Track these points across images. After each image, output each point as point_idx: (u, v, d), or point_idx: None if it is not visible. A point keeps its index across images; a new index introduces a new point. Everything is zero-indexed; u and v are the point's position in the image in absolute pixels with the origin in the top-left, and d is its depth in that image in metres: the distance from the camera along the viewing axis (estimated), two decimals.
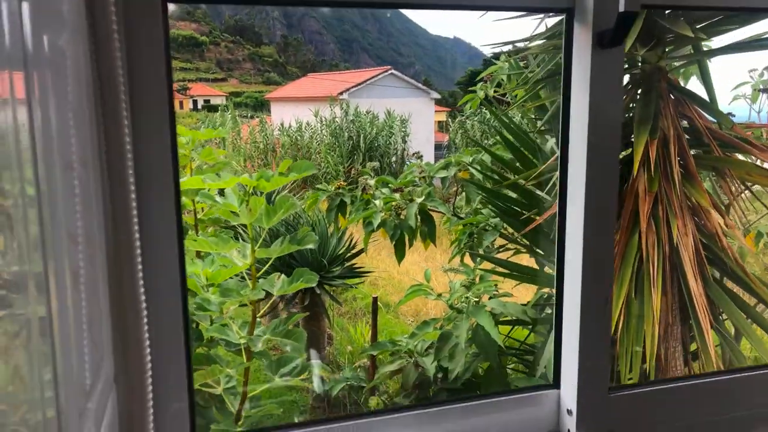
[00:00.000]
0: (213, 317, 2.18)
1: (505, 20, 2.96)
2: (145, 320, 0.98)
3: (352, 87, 24.43)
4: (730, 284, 2.71)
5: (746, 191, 2.96)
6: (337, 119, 17.12)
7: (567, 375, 1.34)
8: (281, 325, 2.05)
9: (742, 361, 2.49)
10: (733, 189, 2.52)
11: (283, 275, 2.16)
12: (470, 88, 4.31)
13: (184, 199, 2.96)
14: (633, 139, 2.34)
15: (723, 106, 4.31)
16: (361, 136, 16.09)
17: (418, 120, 19.66)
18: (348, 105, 17.82)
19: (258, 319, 2.27)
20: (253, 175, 1.90)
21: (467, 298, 2.81)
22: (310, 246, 1.94)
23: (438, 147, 22.48)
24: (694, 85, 3.19)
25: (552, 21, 2.49)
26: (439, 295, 2.95)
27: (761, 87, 3.94)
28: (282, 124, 17.35)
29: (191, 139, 2.99)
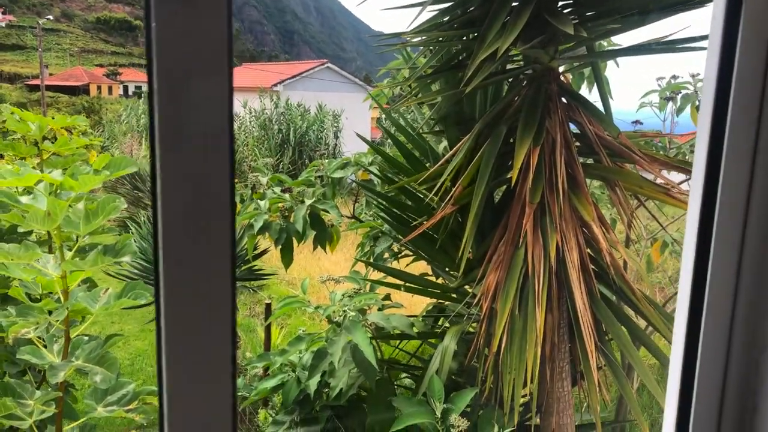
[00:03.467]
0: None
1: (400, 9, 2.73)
2: None
3: (287, 79, 23.95)
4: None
5: (643, 203, 2.84)
6: (267, 111, 16.63)
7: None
8: (99, 347, 1.74)
9: (625, 384, 2.35)
10: (623, 201, 2.36)
11: (110, 289, 1.85)
12: (375, 84, 4.08)
13: None
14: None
15: (631, 113, 4.25)
16: (291, 129, 15.67)
17: (354, 116, 19.35)
18: (279, 97, 17.35)
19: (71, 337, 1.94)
20: (57, 174, 1.59)
21: (344, 311, 2.57)
22: (126, 258, 1.65)
23: (376, 143, 22.27)
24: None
25: (431, 14, 2.26)
26: (317, 307, 2.69)
27: (667, 95, 3.87)
28: None
29: (39, 126, 2.62)
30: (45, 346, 1.97)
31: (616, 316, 2.41)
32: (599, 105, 2.54)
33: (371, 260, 3.40)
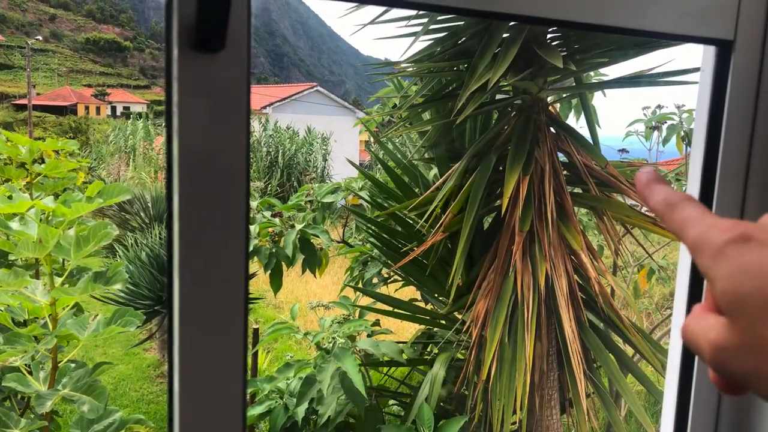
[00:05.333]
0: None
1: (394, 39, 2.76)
2: None
3: (276, 101, 24.07)
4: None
5: (630, 231, 2.87)
6: (255, 133, 16.67)
7: None
8: (87, 375, 1.72)
9: (613, 411, 2.36)
10: (610, 229, 2.39)
11: (99, 315, 1.84)
12: (365, 110, 4.12)
13: None
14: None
15: (617, 138, 4.32)
16: (280, 151, 15.69)
17: (343, 138, 19.42)
18: (267, 119, 17.40)
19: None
20: (49, 200, 1.59)
21: (333, 338, 2.56)
22: (118, 286, 1.64)
23: (364, 167, 22.32)
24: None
25: (422, 44, 2.30)
26: (307, 333, 2.68)
27: (653, 124, 3.94)
28: None
29: (30, 149, 2.62)
30: (30, 373, 1.95)
31: (604, 343, 2.43)
32: (586, 132, 2.58)
33: (360, 285, 3.40)
